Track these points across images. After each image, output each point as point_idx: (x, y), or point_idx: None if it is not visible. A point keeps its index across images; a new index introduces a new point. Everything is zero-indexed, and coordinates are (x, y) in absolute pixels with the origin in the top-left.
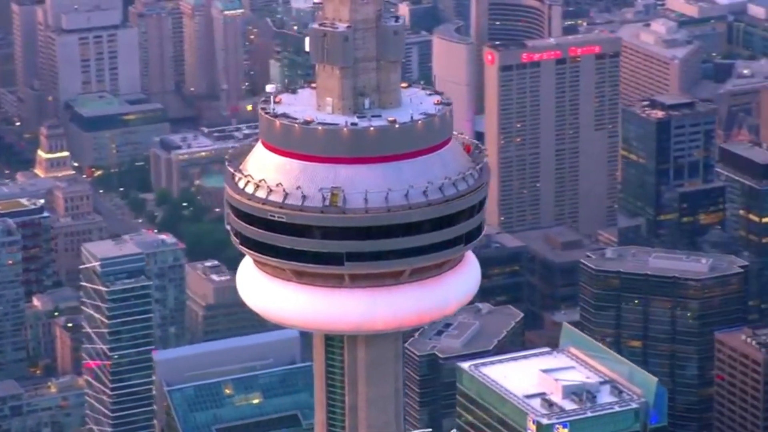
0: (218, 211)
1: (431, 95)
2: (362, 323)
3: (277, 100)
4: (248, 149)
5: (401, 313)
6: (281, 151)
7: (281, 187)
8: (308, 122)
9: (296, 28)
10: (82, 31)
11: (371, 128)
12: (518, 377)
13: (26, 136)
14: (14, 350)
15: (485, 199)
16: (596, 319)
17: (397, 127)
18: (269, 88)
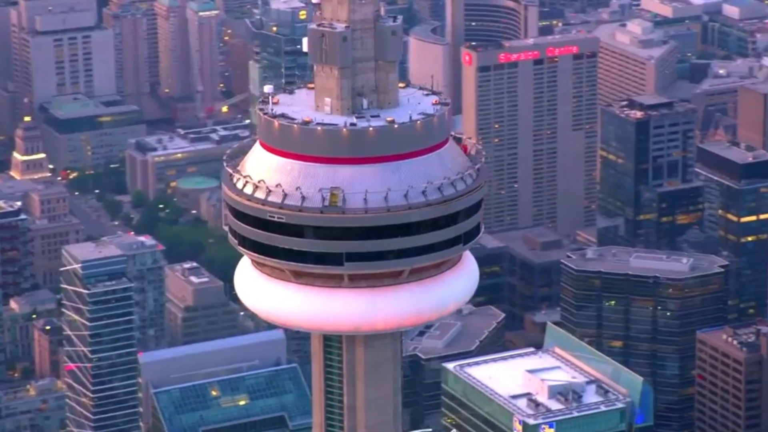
0: (194, 213)
1: (428, 95)
2: (361, 323)
3: (274, 100)
4: (245, 149)
5: (400, 313)
6: (280, 151)
7: (280, 187)
8: (307, 123)
9: (275, 29)
10: (56, 32)
11: (370, 128)
12: (504, 377)
13: (0, 138)
14: None
15: (483, 198)
16: (577, 319)
17: (396, 127)
18: (267, 88)
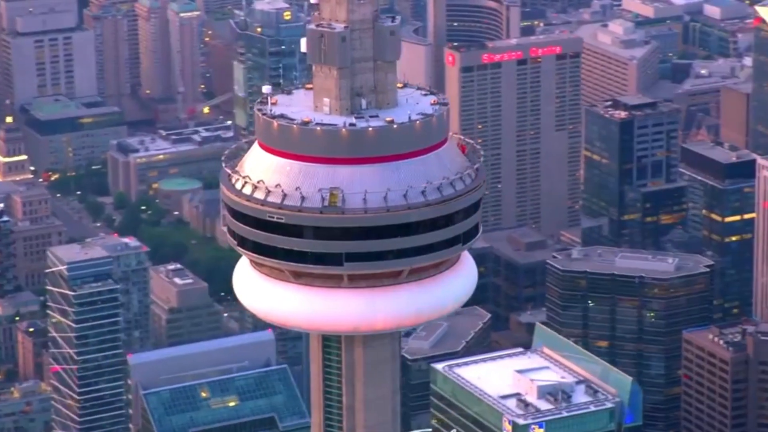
0: (177, 214)
1: (427, 95)
2: (361, 323)
3: (272, 101)
4: (243, 150)
5: (400, 313)
6: (279, 152)
7: (280, 187)
8: (306, 123)
9: (260, 30)
10: (37, 33)
11: (370, 128)
12: (493, 378)
13: None
14: None
15: (482, 198)
16: (563, 319)
17: (395, 127)
18: (265, 89)
